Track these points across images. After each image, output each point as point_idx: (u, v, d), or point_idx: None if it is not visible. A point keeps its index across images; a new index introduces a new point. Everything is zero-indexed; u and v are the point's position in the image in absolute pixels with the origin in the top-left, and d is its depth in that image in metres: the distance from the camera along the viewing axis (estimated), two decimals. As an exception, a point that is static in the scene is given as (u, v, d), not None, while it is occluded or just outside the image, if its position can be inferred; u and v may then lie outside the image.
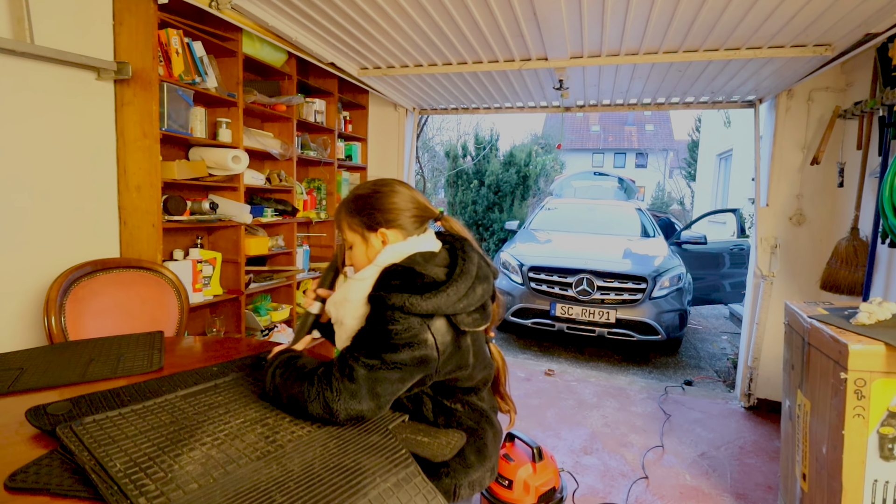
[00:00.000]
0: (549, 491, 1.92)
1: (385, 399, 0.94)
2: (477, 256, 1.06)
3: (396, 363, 0.93)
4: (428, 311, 0.94)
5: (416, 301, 0.93)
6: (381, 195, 1.10)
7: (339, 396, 0.91)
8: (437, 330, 0.97)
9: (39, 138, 1.89)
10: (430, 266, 1.02)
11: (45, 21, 1.85)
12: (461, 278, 0.99)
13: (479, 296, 1.01)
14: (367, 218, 1.09)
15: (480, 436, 1.09)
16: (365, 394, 0.92)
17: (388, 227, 1.08)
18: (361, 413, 0.93)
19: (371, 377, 0.93)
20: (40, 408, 1.00)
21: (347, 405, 0.91)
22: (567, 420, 2.97)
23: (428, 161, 12.53)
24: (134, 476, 0.75)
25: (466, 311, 1.00)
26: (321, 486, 0.77)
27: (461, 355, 1.02)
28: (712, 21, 2.07)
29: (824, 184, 2.97)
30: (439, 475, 1.01)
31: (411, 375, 0.96)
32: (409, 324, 0.94)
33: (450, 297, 0.96)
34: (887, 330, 1.46)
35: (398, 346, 0.93)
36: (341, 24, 2.32)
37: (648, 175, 22.50)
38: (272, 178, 2.96)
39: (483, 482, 1.08)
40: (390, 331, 0.94)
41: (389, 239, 1.08)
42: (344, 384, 0.92)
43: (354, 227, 1.10)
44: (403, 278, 0.98)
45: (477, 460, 1.06)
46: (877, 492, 1.42)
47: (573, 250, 4.68)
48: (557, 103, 3.62)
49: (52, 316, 1.68)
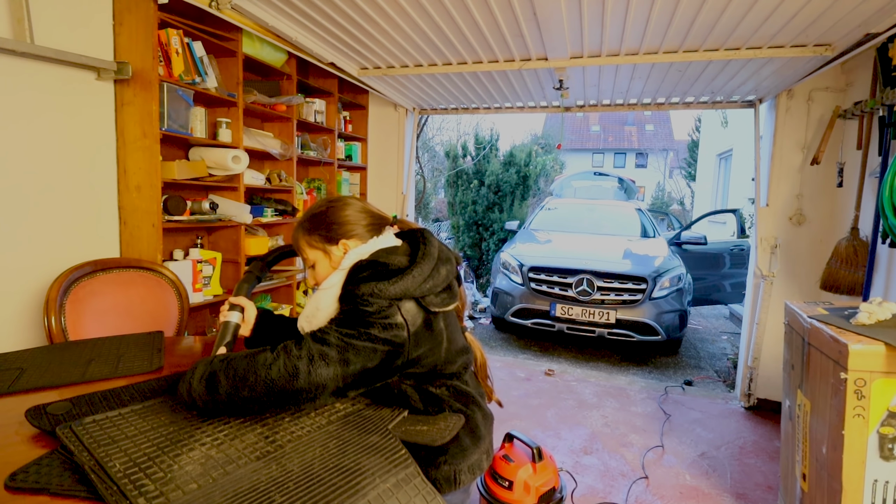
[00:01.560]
0: (549, 491, 1.92)
1: (352, 369, 0.94)
2: (437, 242, 1.10)
3: (369, 334, 0.95)
4: (396, 295, 0.97)
5: (384, 286, 0.96)
6: (335, 208, 1.14)
7: (306, 356, 0.92)
8: (408, 311, 0.99)
9: (39, 138, 1.89)
10: (393, 256, 1.04)
11: (45, 21, 1.85)
12: (424, 260, 1.03)
13: (443, 276, 1.05)
14: (325, 232, 1.12)
15: (471, 417, 1.10)
16: (335, 356, 0.93)
17: (348, 237, 1.11)
18: (325, 380, 0.92)
19: (344, 341, 0.94)
20: (40, 408, 1.00)
21: (314, 366, 0.91)
22: (567, 420, 2.97)
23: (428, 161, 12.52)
24: (133, 476, 0.75)
25: (433, 291, 1.03)
26: (320, 486, 0.77)
27: (434, 338, 1.04)
28: (712, 21, 2.07)
29: (824, 184, 2.97)
30: (438, 464, 1.02)
31: (383, 353, 0.96)
32: (380, 305, 0.96)
33: (415, 278, 0.99)
34: (887, 330, 1.46)
35: (371, 322, 0.96)
36: (341, 24, 2.32)
37: (648, 175, 22.50)
38: (272, 178, 2.96)
39: (481, 464, 1.10)
40: (363, 311, 0.96)
41: (350, 247, 1.11)
42: (314, 346, 0.93)
43: (314, 244, 1.13)
44: (370, 269, 1.00)
45: (472, 443, 1.08)
46: (877, 492, 1.42)
47: (573, 250, 4.68)
48: (557, 103, 3.62)
49: (52, 316, 1.68)
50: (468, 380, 1.16)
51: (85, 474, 0.77)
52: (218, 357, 0.97)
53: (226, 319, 1.19)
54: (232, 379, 0.91)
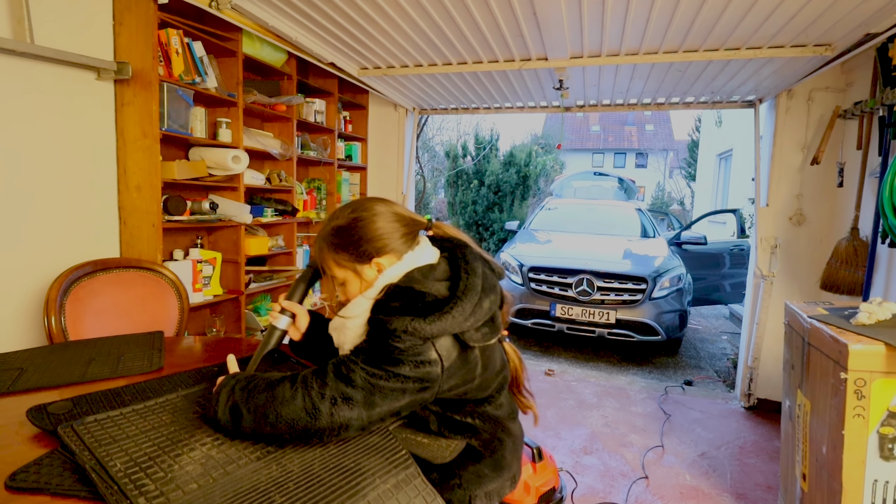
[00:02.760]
0: (548, 491, 1.92)
1: (377, 412, 0.86)
2: (480, 264, 0.99)
3: (399, 374, 0.86)
4: (432, 335, 0.87)
5: (420, 325, 0.86)
6: (364, 222, 1.00)
7: (329, 397, 0.84)
8: (442, 347, 0.90)
9: (39, 138, 1.89)
10: (430, 282, 0.94)
11: (45, 21, 1.85)
12: (466, 296, 0.91)
13: (486, 310, 0.94)
14: (354, 250, 0.99)
15: (496, 448, 1.02)
16: (360, 400, 0.85)
17: (381, 255, 0.99)
18: (349, 422, 0.84)
19: (370, 383, 0.85)
20: (41, 407, 1.00)
21: (336, 409, 0.83)
22: (567, 420, 2.97)
23: (428, 161, 12.53)
24: (134, 476, 0.75)
25: (474, 327, 0.93)
26: (320, 486, 0.77)
27: (468, 370, 0.95)
28: (712, 21, 2.07)
29: (824, 184, 2.97)
30: (451, 487, 0.96)
31: (412, 392, 0.88)
32: (413, 343, 0.87)
33: (455, 318, 0.89)
34: (887, 330, 1.46)
35: (401, 361, 0.87)
36: (341, 24, 2.32)
37: (648, 175, 22.50)
38: (272, 178, 2.96)
39: (502, 492, 1.03)
40: (394, 347, 0.87)
41: (385, 265, 0.99)
42: (339, 385, 0.85)
43: (343, 263, 1.01)
44: (403, 299, 0.90)
45: (492, 471, 1.01)
46: (877, 492, 1.42)
47: (573, 251, 4.68)
48: (557, 103, 3.62)
49: (52, 316, 1.68)
50: (502, 400, 1.06)
51: (85, 474, 0.77)
52: (240, 383, 0.89)
53: (273, 324, 1.09)
54: (253, 414, 0.84)
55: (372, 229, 0.99)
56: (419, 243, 1.04)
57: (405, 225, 1.02)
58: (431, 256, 1.02)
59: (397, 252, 1.00)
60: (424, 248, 1.04)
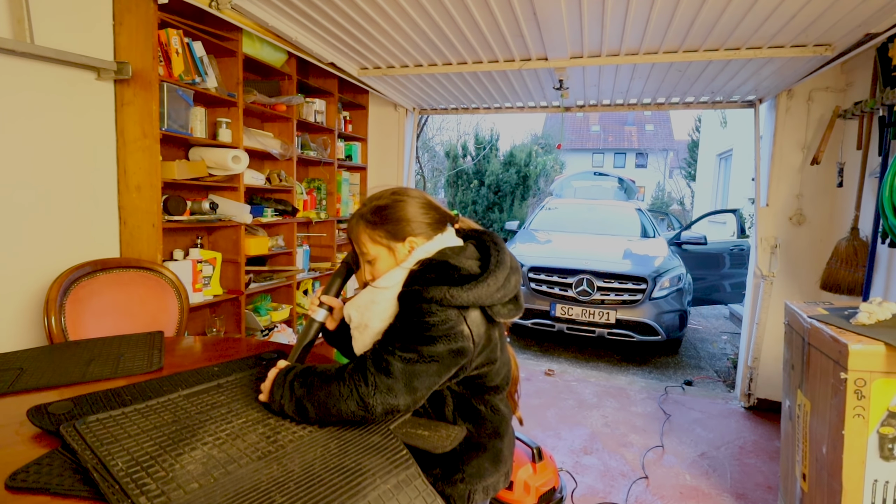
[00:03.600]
0: (549, 491, 1.93)
1: (422, 393, 0.93)
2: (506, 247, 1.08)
3: (433, 356, 0.92)
4: (468, 303, 0.94)
5: (457, 293, 0.93)
6: (404, 203, 1.07)
7: (374, 391, 0.90)
8: (473, 321, 0.97)
9: (39, 138, 1.89)
10: (462, 259, 1.01)
11: (45, 21, 1.85)
12: (498, 268, 0.99)
13: (513, 286, 1.02)
14: (391, 227, 1.06)
15: (496, 443, 1.08)
16: (402, 388, 0.91)
17: (415, 234, 1.06)
18: (397, 407, 0.92)
19: (408, 371, 0.91)
20: (42, 407, 1.00)
21: (384, 399, 0.90)
22: (567, 420, 2.97)
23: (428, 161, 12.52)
24: (136, 475, 0.75)
25: (502, 301, 1.00)
26: (321, 486, 0.77)
27: (492, 348, 1.03)
28: (712, 21, 2.07)
29: (824, 184, 2.97)
30: (454, 482, 1.01)
31: (448, 368, 0.95)
32: (447, 315, 0.93)
33: (489, 286, 0.96)
34: (887, 330, 1.46)
35: (435, 338, 0.92)
36: (341, 24, 2.32)
37: (648, 175, 22.50)
38: (272, 178, 2.96)
39: (497, 486, 1.08)
40: (427, 323, 0.92)
41: (417, 245, 1.06)
42: (380, 378, 0.91)
43: (378, 240, 1.07)
44: (439, 271, 0.97)
45: (492, 466, 1.06)
46: (877, 492, 1.42)
47: (573, 251, 4.68)
48: (557, 103, 3.62)
49: (52, 316, 1.68)
50: (504, 397, 1.14)
51: (85, 474, 0.78)
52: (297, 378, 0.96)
53: (312, 317, 1.17)
54: (317, 407, 0.92)
55: (410, 211, 1.07)
56: (447, 231, 1.12)
57: (437, 212, 1.10)
58: (458, 242, 1.11)
59: (428, 235, 1.08)
60: (451, 234, 1.12)
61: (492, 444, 1.06)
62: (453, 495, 1.01)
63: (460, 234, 1.15)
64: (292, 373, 0.98)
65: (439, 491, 0.99)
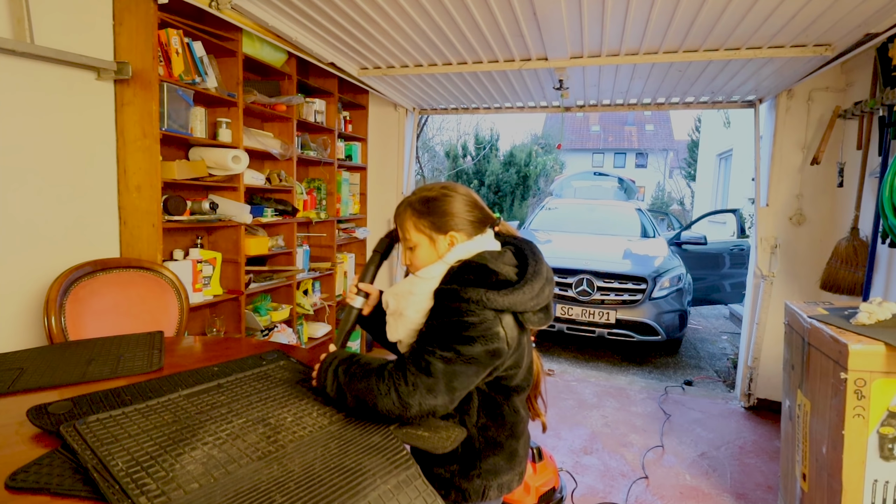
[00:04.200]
0: (549, 491, 1.93)
1: (459, 393, 0.95)
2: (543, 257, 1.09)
3: (472, 356, 0.94)
4: (503, 307, 0.96)
5: (494, 296, 0.95)
6: (451, 199, 1.10)
7: (415, 390, 0.92)
8: (507, 325, 0.99)
9: (39, 138, 1.89)
10: (501, 264, 1.03)
11: (45, 21, 1.85)
12: (535, 278, 1.02)
13: (546, 296, 1.04)
14: (436, 219, 1.09)
15: (513, 443, 1.10)
16: (442, 388, 0.93)
17: (456, 230, 1.09)
18: (435, 408, 0.93)
19: (448, 371, 0.93)
20: (42, 407, 1.00)
21: (423, 399, 0.92)
22: (567, 420, 2.97)
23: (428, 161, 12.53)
24: (136, 475, 0.75)
25: (534, 309, 1.02)
26: (321, 486, 0.77)
27: (520, 353, 1.05)
28: (712, 21, 2.07)
29: (824, 184, 2.97)
30: (470, 477, 1.04)
31: (485, 369, 0.97)
32: (484, 316, 0.95)
33: (525, 294, 0.98)
34: (887, 330, 1.46)
35: (473, 338, 0.94)
36: (341, 24, 2.32)
37: (648, 175, 22.50)
38: (272, 178, 2.96)
39: (511, 485, 1.11)
40: (466, 322, 0.94)
41: (458, 240, 1.09)
42: (420, 378, 0.93)
43: (422, 229, 1.10)
44: (478, 274, 0.99)
45: (507, 465, 1.09)
46: (877, 492, 1.42)
47: (573, 250, 4.68)
48: (557, 103, 3.62)
49: (52, 316, 1.68)
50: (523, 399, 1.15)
51: (86, 474, 0.77)
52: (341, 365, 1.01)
53: (350, 304, 1.23)
54: (355, 399, 0.96)
55: (456, 206, 1.10)
56: (486, 233, 1.13)
57: (480, 212, 1.13)
58: (497, 246, 1.12)
59: (469, 233, 1.10)
60: (491, 237, 1.14)
61: (508, 443, 1.09)
62: (469, 490, 1.04)
63: (499, 238, 1.16)
64: (336, 360, 1.03)
65: (455, 485, 1.04)
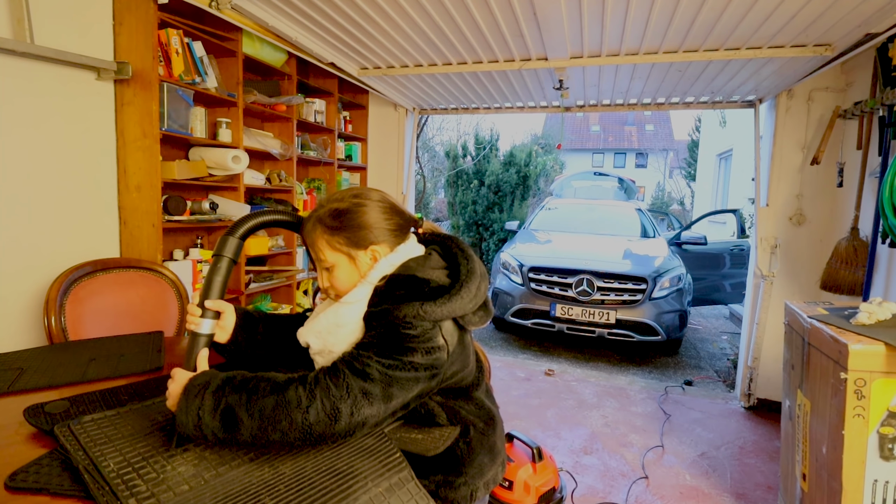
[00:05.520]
0: (549, 491, 1.93)
1: (393, 405, 0.86)
2: (473, 253, 1.04)
3: (412, 363, 0.87)
4: (442, 318, 0.90)
5: (430, 308, 0.88)
6: (365, 208, 1.00)
7: (348, 395, 0.81)
8: (447, 331, 0.93)
9: (39, 139, 1.89)
10: (429, 270, 0.97)
11: (45, 21, 1.85)
12: (470, 278, 0.95)
13: (482, 293, 0.98)
14: (352, 234, 0.98)
15: (491, 437, 1.06)
16: (378, 394, 0.84)
17: (377, 243, 0.99)
18: (366, 419, 0.83)
19: (387, 374, 0.85)
20: (38, 407, 1.00)
21: (356, 406, 0.81)
22: (567, 420, 2.97)
23: (428, 161, 12.54)
24: (126, 476, 0.75)
25: (473, 310, 0.97)
26: (311, 489, 0.76)
27: (465, 354, 1.00)
28: (712, 21, 2.07)
29: (824, 184, 2.97)
30: (456, 486, 0.98)
31: (423, 381, 0.90)
32: (423, 328, 0.88)
33: (463, 299, 0.92)
34: (887, 330, 1.46)
35: (413, 348, 0.88)
36: (341, 24, 2.32)
37: (648, 175, 22.50)
38: (272, 178, 2.97)
39: (497, 478, 1.07)
40: (404, 335, 0.87)
41: (380, 255, 1.00)
42: (356, 381, 0.83)
43: (337, 247, 0.99)
44: (408, 287, 0.92)
45: (489, 460, 1.05)
46: (877, 492, 1.42)
47: (573, 251, 4.68)
48: (557, 103, 3.62)
49: (52, 316, 1.68)
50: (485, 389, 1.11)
51: (79, 474, 0.77)
52: (228, 383, 0.82)
53: (196, 331, 0.95)
54: (258, 419, 0.78)
55: (372, 216, 1.00)
56: (409, 237, 1.06)
57: (402, 218, 1.05)
58: (420, 250, 1.05)
59: (391, 243, 1.02)
60: (413, 242, 1.06)
61: (485, 439, 1.05)
62: (456, 499, 0.98)
63: (422, 239, 1.10)
64: (218, 378, 0.83)
65: (442, 497, 0.96)
